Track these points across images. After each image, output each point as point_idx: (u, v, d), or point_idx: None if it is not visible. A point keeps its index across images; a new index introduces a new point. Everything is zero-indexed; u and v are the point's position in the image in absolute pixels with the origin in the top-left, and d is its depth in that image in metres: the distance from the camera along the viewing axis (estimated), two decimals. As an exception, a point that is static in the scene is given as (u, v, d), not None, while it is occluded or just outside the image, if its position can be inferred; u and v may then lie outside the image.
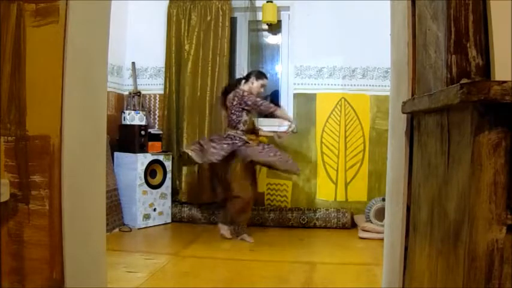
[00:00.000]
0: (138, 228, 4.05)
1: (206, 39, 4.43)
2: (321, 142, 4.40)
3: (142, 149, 4.11)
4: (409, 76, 1.36)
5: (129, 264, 3.00)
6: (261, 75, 3.80)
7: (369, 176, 4.33)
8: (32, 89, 1.45)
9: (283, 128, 4.01)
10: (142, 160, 4.07)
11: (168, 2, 4.53)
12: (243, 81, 3.81)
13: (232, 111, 3.68)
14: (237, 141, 3.64)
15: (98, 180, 1.75)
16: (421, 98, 1.13)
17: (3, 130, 1.44)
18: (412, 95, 1.34)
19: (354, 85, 4.37)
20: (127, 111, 4.31)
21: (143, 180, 4.08)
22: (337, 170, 4.38)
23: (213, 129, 4.36)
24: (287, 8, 4.51)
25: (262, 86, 3.79)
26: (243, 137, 3.67)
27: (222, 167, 3.66)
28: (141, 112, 4.38)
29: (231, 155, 3.61)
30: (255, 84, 3.74)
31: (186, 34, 4.47)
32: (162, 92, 4.60)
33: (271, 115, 3.80)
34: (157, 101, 4.67)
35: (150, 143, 4.20)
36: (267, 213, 4.21)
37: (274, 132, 4.08)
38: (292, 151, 4.43)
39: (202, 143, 3.72)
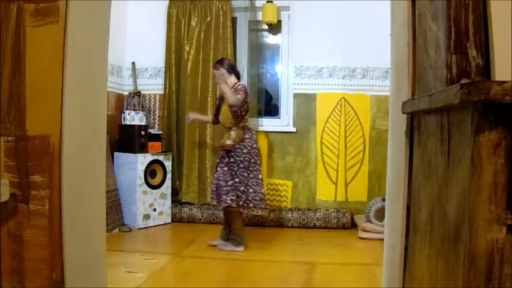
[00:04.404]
0: (138, 228, 4.05)
1: (206, 40, 4.43)
2: (321, 142, 4.40)
3: (143, 149, 4.11)
4: (409, 76, 1.36)
5: (129, 264, 3.00)
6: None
7: (369, 176, 4.33)
8: (32, 89, 1.45)
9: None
10: (142, 160, 4.07)
11: (168, 2, 4.53)
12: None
13: None
14: None
15: (98, 180, 1.75)
16: (421, 98, 1.13)
17: (3, 130, 1.44)
18: (412, 95, 1.34)
19: (354, 85, 4.37)
20: (127, 111, 4.31)
21: (143, 180, 4.08)
22: (337, 170, 4.38)
23: (214, 130, 4.36)
24: (287, 8, 4.51)
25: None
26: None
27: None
28: (141, 112, 4.38)
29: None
30: None
31: (186, 34, 4.47)
32: (162, 92, 4.60)
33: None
34: (157, 101, 4.67)
35: (150, 143, 4.20)
36: (267, 213, 4.21)
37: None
38: (292, 151, 4.44)
39: None
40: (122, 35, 4.58)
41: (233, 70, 3.56)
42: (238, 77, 3.58)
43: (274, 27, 4.68)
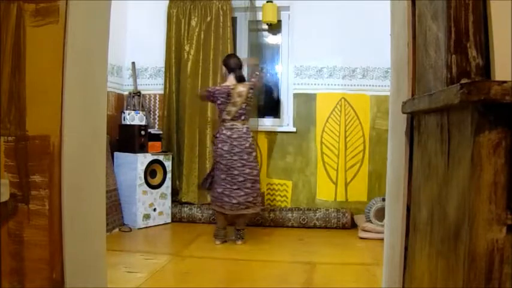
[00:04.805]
0: (138, 228, 4.05)
1: (206, 40, 4.43)
2: (321, 142, 4.40)
3: (143, 149, 4.11)
4: (409, 76, 1.36)
5: (129, 264, 3.00)
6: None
7: (369, 176, 4.33)
8: (32, 89, 1.45)
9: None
10: (142, 160, 4.07)
11: (168, 2, 4.53)
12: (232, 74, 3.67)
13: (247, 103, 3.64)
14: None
15: (98, 180, 1.75)
16: (421, 98, 1.13)
17: (3, 130, 1.44)
18: (412, 95, 1.34)
19: (354, 85, 4.37)
20: (127, 111, 4.31)
21: (143, 180, 4.08)
22: (337, 170, 4.38)
23: (214, 130, 4.36)
24: (287, 8, 4.51)
25: None
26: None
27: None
28: (141, 112, 4.38)
29: None
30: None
31: (186, 34, 4.47)
32: (162, 92, 4.60)
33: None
34: (157, 101, 4.67)
35: (150, 143, 4.20)
36: (267, 213, 4.21)
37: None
38: (292, 151, 4.44)
39: None
40: (122, 35, 4.57)
41: (233, 70, 3.62)
42: (238, 79, 3.63)
43: (274, 27, 4.68)
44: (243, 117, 3.60)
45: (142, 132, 4.13)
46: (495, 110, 0.82)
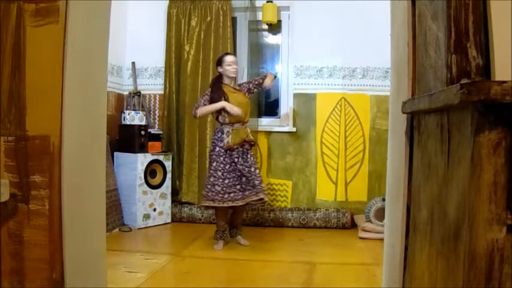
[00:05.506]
0: (138, 228, 4.05)
1: (206, 40, 4.43)
2: (321, 142, 4.40)
3: (143, 149, 4.11)
4: (409, 76, 1.36)
5: (129, 264, 3.00)
6: (222, 57, 3.62)
7: (369, 176, 4.33)
8: (32, 89, 1.45)
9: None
10: (142, 160, 4.07)
11: (168, 2, 4.53)
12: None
13: None
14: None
15: (98, 180, 1.75)
16: (421, 98, 1.13)
17: (3, 130, 1.44)
18: (412, 95, 1.34)
19: (354, 85, 4.37)
20: (127, 111, 4.31)
21: (143, 180, 4.08)
22: (337, 170, 4.38)
23: (214, 130, 4.36)
24: (287, 8, 4.51)
25: (231, 63, 3.55)
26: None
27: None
28: (141, 112, 4.38)
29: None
30: (225, 67, 3.53)
31: (186, 34, 4.47)
32: (162, 92, 4.60)
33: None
34: (157, 101, 4.67)
35: (150, 143, 4.20)
36: (267, 213, 4.21)
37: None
38: (292, 151, 4.44)
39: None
40: (122, 35, 4.57)
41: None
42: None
43: (274, 27, 4.68)
44: None
45: (142, 132, 4.13)
46: (495, 110, 0.82)
